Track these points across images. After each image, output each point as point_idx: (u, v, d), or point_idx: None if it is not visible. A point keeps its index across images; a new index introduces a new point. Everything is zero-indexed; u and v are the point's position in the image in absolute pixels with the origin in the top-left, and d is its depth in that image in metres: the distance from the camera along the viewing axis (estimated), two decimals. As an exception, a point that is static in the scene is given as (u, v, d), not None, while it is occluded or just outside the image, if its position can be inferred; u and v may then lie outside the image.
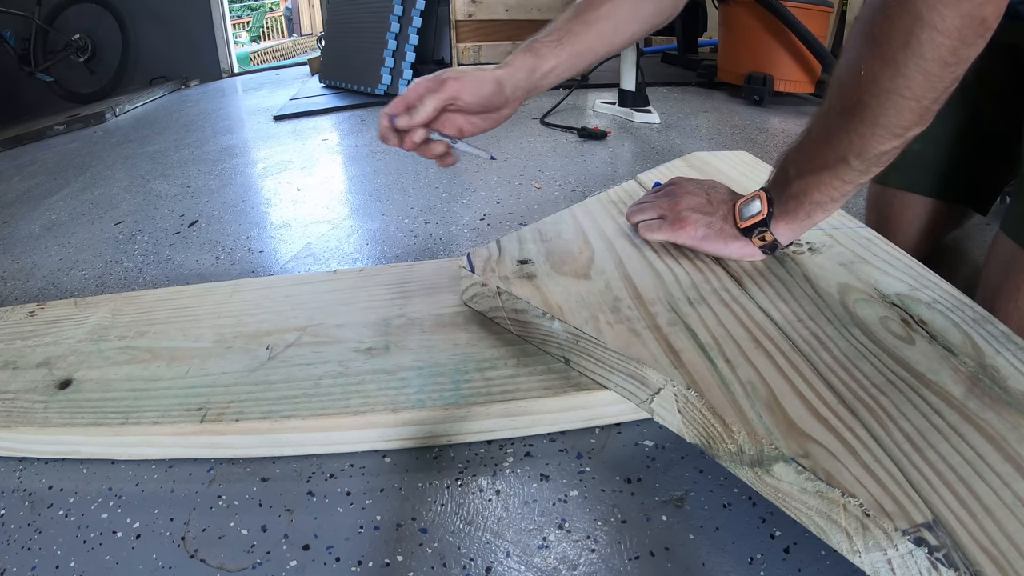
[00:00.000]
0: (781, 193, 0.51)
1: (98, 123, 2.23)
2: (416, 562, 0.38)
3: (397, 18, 2.07)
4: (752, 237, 0.53)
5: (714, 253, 0.56)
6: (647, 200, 0.63)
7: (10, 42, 2.69)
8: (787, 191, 0.50)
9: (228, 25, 3.28)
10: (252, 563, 0.39)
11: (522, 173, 1.23)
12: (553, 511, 0.41)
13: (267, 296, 0.63)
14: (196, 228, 1.06)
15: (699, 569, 0.36)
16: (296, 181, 1.29)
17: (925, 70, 0.38)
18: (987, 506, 0.31)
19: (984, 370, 0.41)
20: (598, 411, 0.47)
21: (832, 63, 1.71)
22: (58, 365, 0.55)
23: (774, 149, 1.32)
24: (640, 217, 0.61)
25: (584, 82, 2.08)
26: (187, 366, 0.52)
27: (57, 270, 0.94)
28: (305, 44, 6.88)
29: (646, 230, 0.59)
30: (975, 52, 0.38)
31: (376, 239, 0.94)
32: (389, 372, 0.49)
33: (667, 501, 0.41)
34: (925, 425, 0.37)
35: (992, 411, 0.37)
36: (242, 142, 1.71)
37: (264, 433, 0.46)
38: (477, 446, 0.47)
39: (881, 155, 0.44)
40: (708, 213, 0.56)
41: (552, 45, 0.58)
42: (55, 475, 0.48)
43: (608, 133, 1.47)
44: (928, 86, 0.39)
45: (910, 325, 0.46)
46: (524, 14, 2.36)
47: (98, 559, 0.40)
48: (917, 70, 0.38)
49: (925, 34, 0.37)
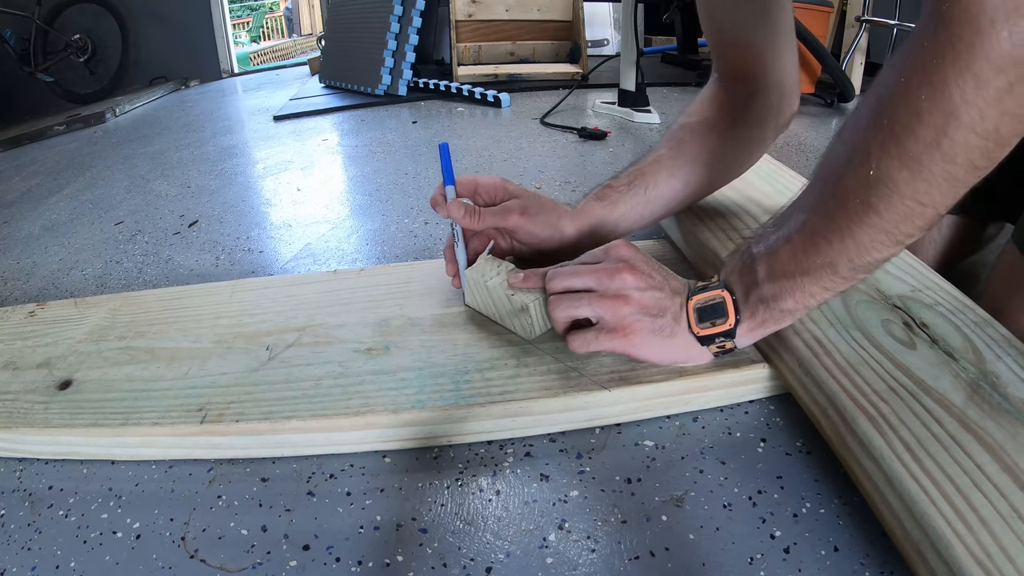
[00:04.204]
0: (747, 295, 0.43)
1: (98, 123, 2.23)
2: (416, 562, 0.38)
3: (397, 18, 2.07)
4: (710, 346, 0.45)
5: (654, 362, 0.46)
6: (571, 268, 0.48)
7: (10, 42, 2.69)
8: (754, 293, 0.42)
9: (228, 25, 3.27)
10: (252, 563, 0.39)
11: (522, 173, 1.23)
12: (553, 511, 0.41)
13: (267, 296, 0.63)
14: (196, 228, 1.06)
15: (699, 569, 0.36)
16: (296, 181, 1.29)
17: (952, 175, 0.32)
18: (983, 518, 0.31)
19: (984, 376, 0.41)
20: (598, 411, 0.47)
21: (832, 63, 1.71)
22: (58, 365, 0.55)
23: (773, 150, 1.31)
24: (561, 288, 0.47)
25: (584, 82, 2.08)
26: (187, 366, 0.52)
27: (57, 270, 0.94)
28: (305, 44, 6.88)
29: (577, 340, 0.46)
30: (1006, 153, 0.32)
31: (376, 239, 0.94)
32: (389, 372, 0.49)
33: (667, 501, 0.41)
34: (925, 434, 0.37)
35: (992, 420, 0.37)
36: (242, 142, 1.71)
37: (264, 434, 0.46)
38: (477, 446, 0.47)
39: (876, 263, 0.37)
40: (656, 314, 0.44)
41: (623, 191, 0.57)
42: (55, 475, 0.48)
43: (608, 133, 1.47)
44: (951, 193, 0.33)
45: (912, 328, 0.46)
46: (524, 14, 2.36)
47: (98, 559, 0.40)
48: (944, 175, 0.32)
49: (960, 135, 0.30)
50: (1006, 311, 0.53)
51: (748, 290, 0.42)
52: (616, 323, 0.45)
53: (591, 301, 0.45)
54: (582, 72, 2.14)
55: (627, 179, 0.58)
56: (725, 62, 0.59)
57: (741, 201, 0.70)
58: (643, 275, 0.45)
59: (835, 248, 0.37)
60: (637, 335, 0.44)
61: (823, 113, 1.69)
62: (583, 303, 0.46)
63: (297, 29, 8.22)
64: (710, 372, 0.47)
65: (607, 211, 0.57)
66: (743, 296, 0.43)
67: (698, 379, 0.46)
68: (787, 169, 0.80)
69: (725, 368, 0.47)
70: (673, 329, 0.45)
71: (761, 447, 0.45)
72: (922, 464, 0.35)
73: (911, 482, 0.34)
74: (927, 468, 0.34)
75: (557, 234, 0.56)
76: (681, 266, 0.65)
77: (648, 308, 0.45)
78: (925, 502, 0.32)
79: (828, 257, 0.37)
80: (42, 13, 2.74)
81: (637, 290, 0.45)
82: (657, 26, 2.37)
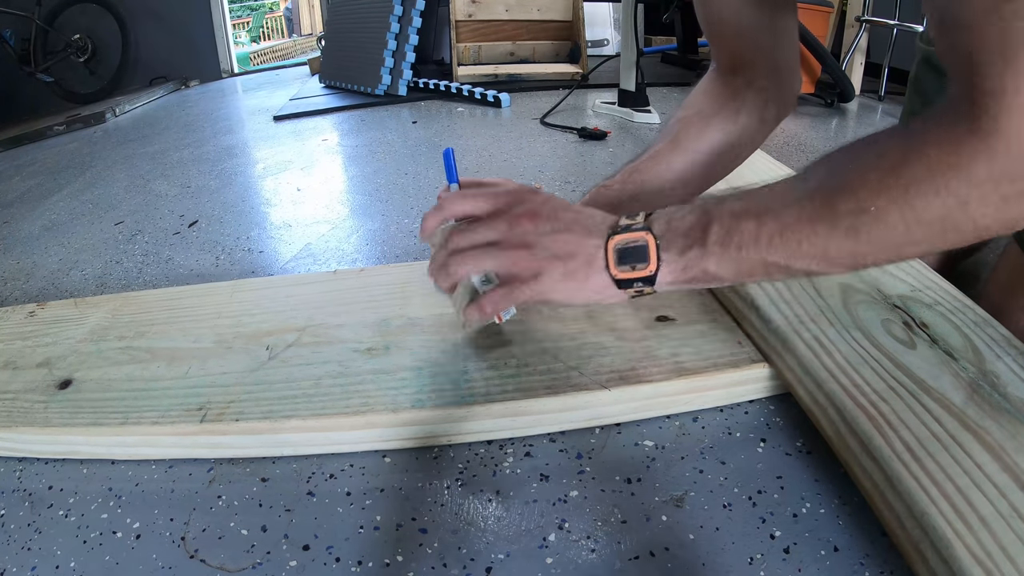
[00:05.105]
0: (686, 249, 0.40)
1: (98, 123, 2.23)
2: (416, 562, 0.38)
3: (397, 18, 2.07)
4: (627, 289, 0.42)
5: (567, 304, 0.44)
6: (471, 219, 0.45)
7: (10, 42, 2.69)
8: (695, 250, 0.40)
9: (228, 25, 3.28)
10: (252, 563, 0.39)
11: (522, 173, 1.23)
12: (553, 511, 0.41)
13: (267, 296, 0.63)
14: (196, 228, 1.06)
15: (699, 569, 0.36)
16: (296, 181, 1.29)
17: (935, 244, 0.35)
18: (983, 517, 0.31)
19: (984, 376, 0.41)
20: (598, 411, 0.47)
21: (832, 63, 1.71)
22: (58, 365, 0.55)
23: (773, 149, 1.32)
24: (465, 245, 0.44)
25: (584, 82, 2.08)
26: (187, 366, 0.52)
27: (57, 270, 0.94)
28: (305, 44, 6.88)
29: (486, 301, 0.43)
30: None
31: (376, 239, 0.94)
32: (389, 372, 0.49)
33: (667, 501, 0.41)
34: (925, 434, 0.37)
35: (992, 419, 0.37)
36: (242, 142, 1.71)
37: (264, 433, 0.46)
38: (477, 446, 0.47)
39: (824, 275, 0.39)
40: (565, 256, 0.42)
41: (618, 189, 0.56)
42: (55, 475, 0.48)
43: (608, 133, 1.47)
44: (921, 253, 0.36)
45: (912, 328, 0.46)
46: (524, 14, 2.36)
47: (98, 559, 0.40)
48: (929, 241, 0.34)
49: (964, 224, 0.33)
50: (1006, 311, 0.53)
51: (689, 245, 0.40)
52: (524, 272, 0.42)
53: (495, 254, 0.43)
54: (582, 72, 2.14)
55: (622, 177, 0.57)
56: (723, 52, 0.59)
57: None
58: (546, 218, 0.43)
59: (803, 250, 0.37)
60: (546, 280, 0.42)
61: (823, 113, 1.69)
62: (487, 257, 0.43)
63: (297, 29, 8.22)
64: (710, 372, 0.47)
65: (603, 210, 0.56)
66: (679, 249, 0.40)
67: (698, 379, 0.46)
68: (787, 169, 0.80)
69: (725, 368, 0.47)
70: (587, 272, 0.42)
71: (761, 447, 0.45)
72: (922, 464, 0.35)
73: (911, 481, 0.34)
74: (927, 468, 0.34)
75: None
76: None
77: (556, 252, 0.42)
78: (925, 501, 0.32)
79: (791, 255, 0.37)
80: (42, 13, 2.75)
81: (541, 235, 0.42)
82: (657, 26, 2.37)
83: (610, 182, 0.58)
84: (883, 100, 1.81)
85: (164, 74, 3.04)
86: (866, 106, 1.77)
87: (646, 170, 0.57)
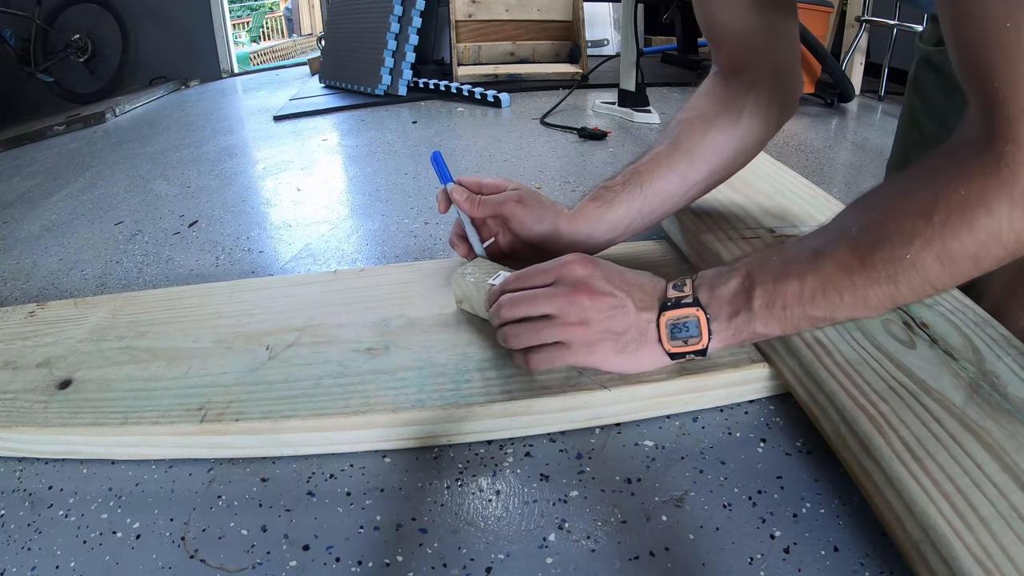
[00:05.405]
0: (732, 316, 0.42)
1: (98, 123, 2.23)
2: (416, 562, 0.38)
3: (397, 18, 2.07)
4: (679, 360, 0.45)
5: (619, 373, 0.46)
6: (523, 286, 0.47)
7: (10, 42, 2.69)
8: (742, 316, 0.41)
9: (228, 25, 3.27)
10: (252, 563, 0.39)
11: (522, 173, 1.23)
12: (553, 511, 0.41)
13: (267, 296, 0.63)
14: (196, 228, 1.06)
15: (699, 569, 0.36)
16: (296, 181, 1.29)
17: (970, 274, 0.35)
18: (983, 517, 0.31)
19: (984, 376, 0.41)
20: (598, 411, 0.47)
21: (832, 63, 1.71)
22: (58, 365, 0.55)
23: (773, 149, 1.32)
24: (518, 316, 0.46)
25: (584, 82, 2.08)
26: (187, 366, 0.52)
27: (57, 270, 0.94)
28: (305, 44, 6.88)
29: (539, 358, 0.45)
30: None
31: (376, 239, 0.94)
32: (389, 372, 0.49)
33: (667, 501, 0.41)
34: (925, 434, 0.37)
35: (992, 419, 0.37)
36: (242, 142, 1.71)
37: (264, 433, 0.46)
38: (477, 446, 0.47)
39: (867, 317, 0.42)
40: (620, 332, 0.44)
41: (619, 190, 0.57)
42: (55, 475, 0.48)
43: (608, 133, 1.47)
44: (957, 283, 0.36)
45: (911, 328, 0.46)
46: (524, 14, 2.36)
47: (98, 559, 0.40)
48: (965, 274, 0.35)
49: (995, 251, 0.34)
50: (1006, 311, 0.53)
51: (736, 311, 0.42)
52: (578, 343, 0.44)
53: (553, 329, 0.45)
54: (582, 72, 2.14)
55: (623, 178, 0.57)
56: (723, 55, 0.59)
57: (742, 201, 0.70)
58: (602, 295, 0.44)
59: (845, 302, 0.38)
60: (601, 353, 0.44)
61: (823, 113, 1.69)
62: (544, 333, 0.45)
63: (297, 29, 8.22)
64: (710, 372, 0.47)
65: (604, 211, 0.57)
66: (727, 316, 0.42)
67: (698, 379, 0.46)
68: (787, 169, 0.80)
69: (725, 368, 0.47)
70: (639, 343, 0.44)
71: (761, 447, 0.45)
72: (922, 464, 0.35)
73: (911, 482, 0.34)
74: (927, 468, 0.34)
75: (552, 232, 0.56)
76: (681, 266, 0.65)
77: (611, 328, 0.44)
78: (925, 501, 0.32)
79: (834, 308, 0.39)
80: (42, 13, 2.74)
81: (598, 312, 0.44)
82: (657, 26, 2.37)
83: (611, 183, 0.58)
84: (883, 100, 1.81)
85: (164, 74, 3.04)
86: (866, 106, 1.77)
87: (647, 171, 0.57)
